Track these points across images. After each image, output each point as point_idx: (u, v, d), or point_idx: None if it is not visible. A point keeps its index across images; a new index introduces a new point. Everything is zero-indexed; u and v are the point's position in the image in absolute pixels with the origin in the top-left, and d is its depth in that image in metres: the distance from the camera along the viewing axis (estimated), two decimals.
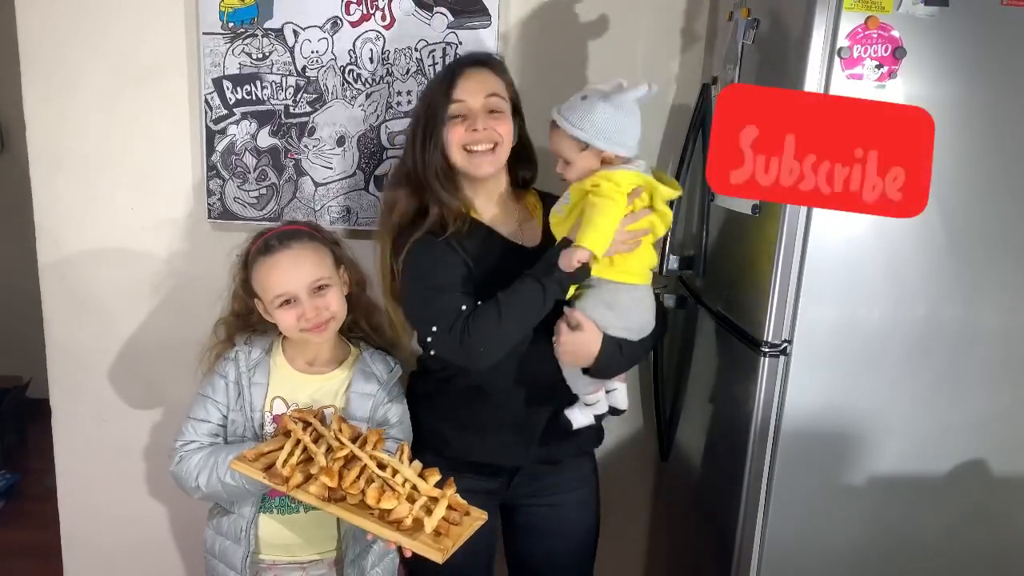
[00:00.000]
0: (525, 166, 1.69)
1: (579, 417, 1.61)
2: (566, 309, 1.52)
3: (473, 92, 1.55)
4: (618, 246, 1.46)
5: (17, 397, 3.51)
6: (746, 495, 1.56)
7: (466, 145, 1.54)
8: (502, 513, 1.76)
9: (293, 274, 1.53)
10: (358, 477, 1.41)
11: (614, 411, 1.66)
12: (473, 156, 1.55)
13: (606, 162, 1.49)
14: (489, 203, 1.65)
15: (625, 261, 1.50)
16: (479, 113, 1.54)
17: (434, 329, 1.50)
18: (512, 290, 1.49)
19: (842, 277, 1.45)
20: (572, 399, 1.62)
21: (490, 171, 1.58)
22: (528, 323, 1.51)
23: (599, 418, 1.65)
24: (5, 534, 2.88)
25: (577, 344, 1.51)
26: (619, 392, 1.64)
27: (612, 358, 1.53)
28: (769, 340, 1.49)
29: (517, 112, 1.64)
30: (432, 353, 1.54)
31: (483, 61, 1.62)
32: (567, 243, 1.47)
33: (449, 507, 1.40)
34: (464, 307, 1.50)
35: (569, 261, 1.43)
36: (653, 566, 2.25)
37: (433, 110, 1.57)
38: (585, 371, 1.55)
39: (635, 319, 1.55)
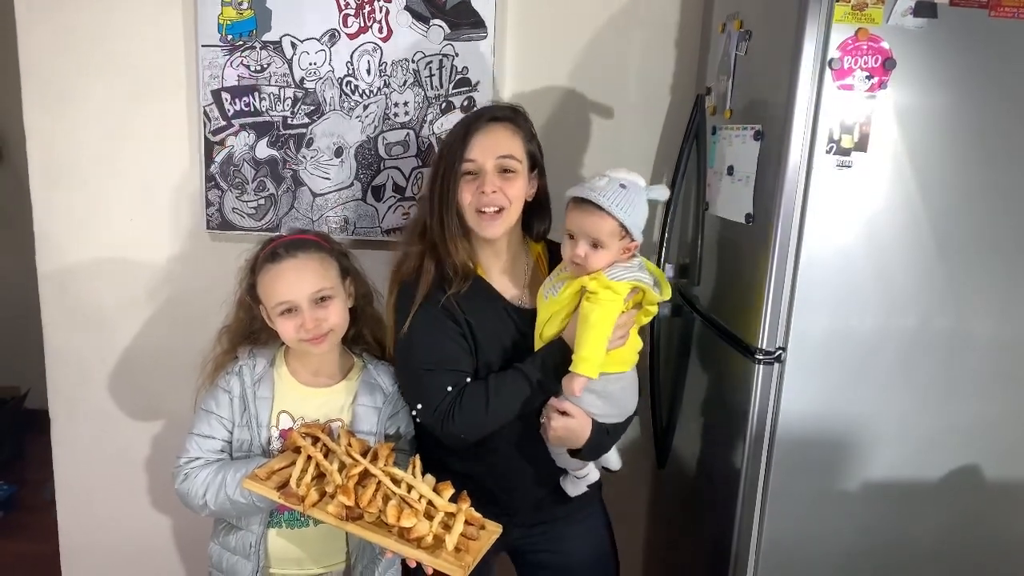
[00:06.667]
0: (540, 219, 1.66)
1: (572, 488, 1.64)
2: (553, 400, 1.52)
3: (485, 151, 1.51)
4: (611, 344, 1.47)
5: (15, 408, 3.51)
6: (742, 501, 1.57)
7: (477, 207, 1.52)
8: (513, 559, 1.76)
9: (296, 283, 1.53)
10: (374, 494, 1.40)
11: (607, 471, 1.69)
12: (482, 218, 1.52)
13: (624, 252, 1.49)
14: (496, 259, 1.61)
15: (613, 352, 1.50)
16: (489, 173, 1.51)
17: (419, 407, 1.53)
18: (503, 383, 1.50)
19: (835, 285, 1.46)
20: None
21: (497, 234, 1.54)
22: (512, 415, 1.52)
23: (592, 486, 1.66)
24: (3, 545, 2.88)
25: (567, 430, 1.51)
26: (610, 454, 1.66)
27: (599, 442, 1.55)
28: (763, 347, 1.50)
29: (536, 166, 1.60)
30: (417, 420, 1.57)
31: (501, 116, 1.57)
32: (563, 348, 1.48)
33: (465, 522, 1.40)
34: (450, 388, 1.50)
35: (571, 389, 1.44)
36: (650, 572, 2.26)
37: (448, 167, 1.53)
38: (572, 452, 1.56)
39: (624, 405, 1.58)
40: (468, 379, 1.53)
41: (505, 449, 1.59)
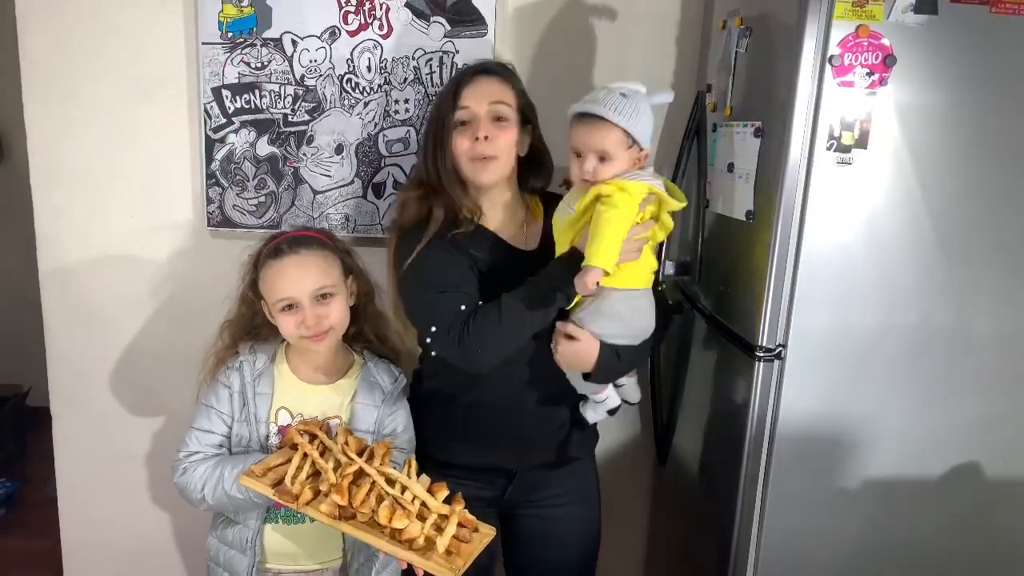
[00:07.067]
0: (536, 174, 1.68)
1: (591, 414, 1.64)
2: (559, 324, 1.52)
3: (477, 98, 1.55)
4: (623, 255, 1.45)
5: (17, 405, 3.52)
6: (742, 498, 1.57)
7: (471, 156, 1.55)
8: (501, 523, 1.76)
9: (298, 280, 1.54)
10: (368, 494, 1.40)
11: (626, 403, 1.68)
12: (475, 164, 1.56)
13: (634, 163, 1.47)
14: (494, 208, 1.64)
15: (625, 267, 1.48)
16: (482, 120, 1.55)
17: (433, 330, 1.51)
18: (515, 296, 1.49)
19: (835, 282, 1.46)
20: (575, 401, 1.65)
21: (489, 180, 1.57)
22: (529, 330, 1.51)
23: (612, 412, 1.66)
24: (5, 542, 2.88)
25: (574, 354, 1.52)
26: (629, 386, 1.66)
27: (610, 365, 1.54)
28: (764, 344, 1.50)
29: (528, 121, 1.63)
30: (433, 353, 1.55)
31: (490, 69, 1.61)
32: (574, 254, 1.46)
33: (458, 524, 1.40)
34: (464, 307, 1.50)
35: (585, 283, 1.40)
36: (651, 569, 2.26)
37: (441, 117, 1.58)
38: (586, 376, 1.56)
39: (635, 326, 1.56)
40: (480, 302, 1.53)
41: (522, 375, 1.59)
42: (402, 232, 1.61)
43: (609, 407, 1.64)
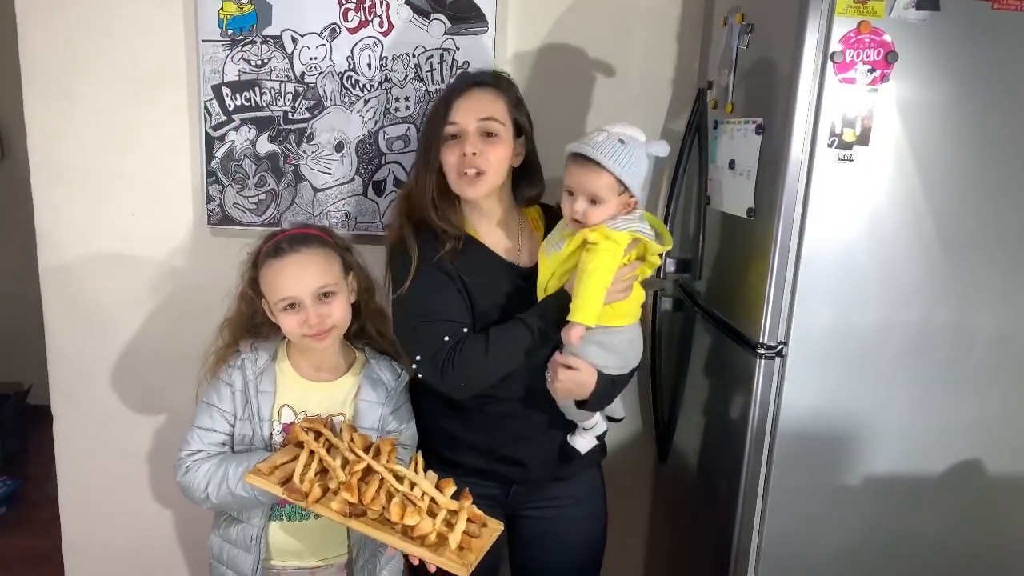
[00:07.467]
0: (529, 185, 1.67)
1: (582, 442, 1.65)
2: (558, 356, 1.53)
3: (468, 114, 1.54)
4: (611, 296, 1.47)
5: (18, 403, 3.52)
6: (743, 496, 1.57)
7: (458, 169, 1.54)
8: (506, 522, 1.76)
9: (300, 279, 1.53)
10: (377, 491, 1.40)
11: (611, 420, 1.70)
12: (462, 179, 1.55)
13: (623, 208, 1.48)
14: (487, 222, 1.64)
15: (616, 305, 1.51)
16: (471, 135, 1.54)
17: (418, 358, 1.54)
18: (504, 332, 1.52)
19: (837, 280, 1.46)
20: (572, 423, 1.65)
21: (476, 195, 1.56)
22: (514, 365, 1.53)
23: (600, 437, 1.68)
24: (6, 540, 2.89)
25: (574, 383, 1.52)
26: (614, 404, 1.66)
27: (606, 391, 1.56)
28: (765, 342, 1.50)
29: (522, 133, 1.62)
30: (420, 376, 1.57)
31: (484, 81, 1.60)
32: (563, 298, 1.48)
33: (467, 519, 1.41)
34: (447, 338, 1.52)
35: (568, 338, 1.44)
36: (652, 567, 2.26)
37: (432, 131, 1.58)
38: (579, 404, 1.57)
39: (628, 358, 1.58)
40: (465, 330, 1.54)
41: (527, 382, 1.59)
42: (392, 253, 1.62)
43: (598, 432, 1.67)
